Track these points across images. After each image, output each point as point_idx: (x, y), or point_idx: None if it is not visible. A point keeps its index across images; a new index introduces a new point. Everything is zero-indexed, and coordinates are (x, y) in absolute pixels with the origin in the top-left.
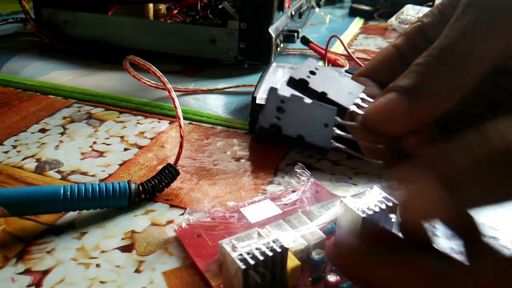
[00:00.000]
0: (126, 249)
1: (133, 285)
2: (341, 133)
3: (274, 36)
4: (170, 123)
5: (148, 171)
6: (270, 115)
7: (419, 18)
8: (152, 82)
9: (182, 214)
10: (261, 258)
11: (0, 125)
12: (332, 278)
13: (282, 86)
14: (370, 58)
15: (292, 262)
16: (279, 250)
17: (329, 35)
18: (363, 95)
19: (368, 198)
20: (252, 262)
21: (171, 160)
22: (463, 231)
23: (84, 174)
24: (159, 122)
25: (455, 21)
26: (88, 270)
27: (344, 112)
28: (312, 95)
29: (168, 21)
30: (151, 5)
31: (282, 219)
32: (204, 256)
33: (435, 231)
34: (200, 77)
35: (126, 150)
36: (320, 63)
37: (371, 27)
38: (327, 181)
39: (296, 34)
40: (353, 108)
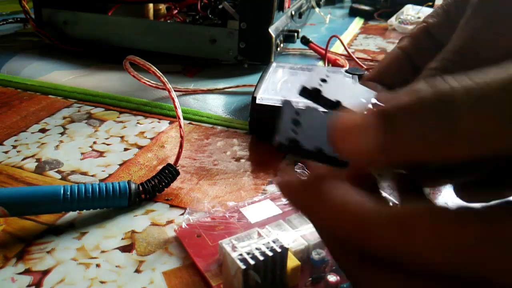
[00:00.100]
0: (126, 249)
1: (133, 285)
2: None
3: (274, 36)
4: (170, 123)
5: (148, 171)
6: (286, 128)
7: (423, 18)
8: (152, 82)
9: (182, 214)
10: (261, 258)
11: (0, 125)
12: (332, 278)
13: (282, 87)
14: (370, 58)
15: (292, 262)
16: (279, 250)
17: (329, 35)
18: (374, 101)
19: None
20: (252, 262)
21: (171, 160)
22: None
23: (84, 174)
24: (159, 122)
25: (466, 22)
26: (88, 270)
27: None
28: (326, 104)
29: (168, 21)
30: (151, 5)
31: (282, 219)
32: (204, 256)
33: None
34: (200, 77)
35: (126, 150)
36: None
37: (371, 27)
38: None
39: (296, 34)
40: None
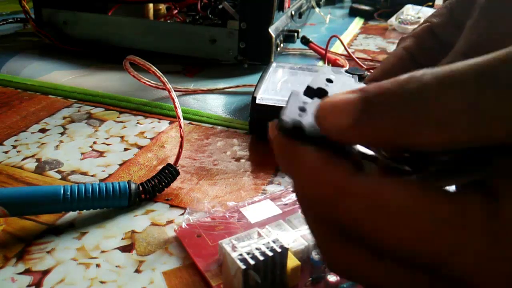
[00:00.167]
0: (126, 249)
1: (133, 285)
2: None
3: (274, 36)
4: (170, 123)
5: (148, 171)
6: (292, 112)
7: (427, 18)
8: (152, 82)
9: (182, 214)
10: (261, 258)
11: (0, 125)
12: (332, 278)
13: (282, 87)
14: (370, 58)
15: (292, 262)
16: (279, 250)
17: (329, 35)
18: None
19: None
20: (252, 262)
21: (171, 160)
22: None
23: (84, 174)
24: (159, 122)
25: (473, 24)
26: (88, 270)
27: None
28: None
29: (168, 21)
30: (151, 5)
31: (282, 219)
32: (204, 256)
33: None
34: (200, 77)
35: (126, 150)
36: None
37: (371, 27)
38: None
39: (296, 34)
40: None
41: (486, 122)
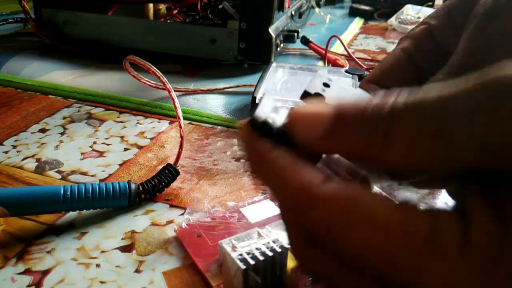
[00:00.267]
0: (126, 249)
1: (133, 285)
2: None
3: (274, 36)
4: (170, 123)
5: (148, 171)
6: (265, 112)
7: (424, 19)
8: (152, 82)
9: (182, 214)
10: (261, 258)
11: (0, 125)
12: None
13: (282, 87)
14: (370, 58)
15: (292, 262)
16: (279, 250)
17: (329, 35)
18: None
19: None
20: (252, 262)
21: (171, 160)
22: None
23: (84, 174)
24: (159, 122)
25: (469, 38)
26: (88, 270)
27: None
28: None
29: (168, 21)
30: (151, 5)
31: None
32: (204, 256)
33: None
34: (200, 77)
35: (126, 150)
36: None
37: (371, 27)
38: None
39: (296, 34)
40: None
41: (447, 151)
